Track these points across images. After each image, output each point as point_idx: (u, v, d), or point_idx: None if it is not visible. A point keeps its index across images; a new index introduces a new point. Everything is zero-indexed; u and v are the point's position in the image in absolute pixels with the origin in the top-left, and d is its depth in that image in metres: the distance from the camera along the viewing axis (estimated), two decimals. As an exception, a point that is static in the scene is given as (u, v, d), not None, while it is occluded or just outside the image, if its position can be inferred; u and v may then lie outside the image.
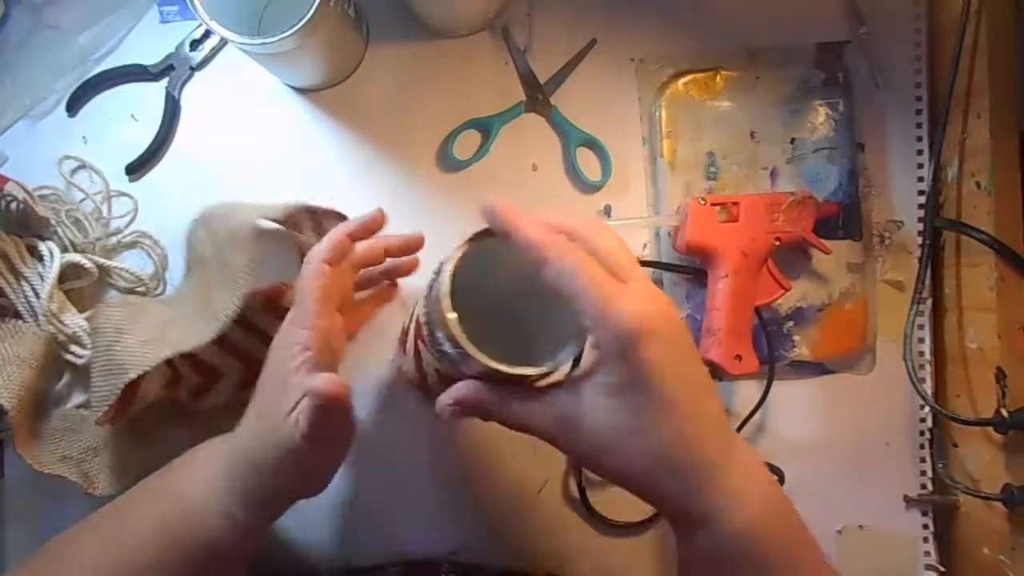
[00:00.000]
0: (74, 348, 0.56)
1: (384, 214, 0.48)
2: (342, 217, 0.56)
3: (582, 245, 0.37)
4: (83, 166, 0.59)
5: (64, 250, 0.57)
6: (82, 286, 0.58)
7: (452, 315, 0.38)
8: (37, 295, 0.55)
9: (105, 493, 0.53)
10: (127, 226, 0.60)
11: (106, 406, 0.50)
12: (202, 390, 0.56)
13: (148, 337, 0.51)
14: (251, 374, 0.56)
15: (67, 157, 0.59)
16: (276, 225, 0.51)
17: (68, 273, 0.57)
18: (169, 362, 0.52)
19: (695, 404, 0.36)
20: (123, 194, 0.60)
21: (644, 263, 0.59)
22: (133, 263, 0.59)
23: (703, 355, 0.55)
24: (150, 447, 0.55)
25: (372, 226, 0.48)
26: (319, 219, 0.56)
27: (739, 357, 0.54)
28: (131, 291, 0.59)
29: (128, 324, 0.52)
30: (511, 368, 0.38)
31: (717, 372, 0.54)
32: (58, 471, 0.53)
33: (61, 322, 0.55)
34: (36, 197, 0.56)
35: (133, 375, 0.49)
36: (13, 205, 0.55)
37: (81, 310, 0.58)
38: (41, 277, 0.55)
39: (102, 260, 0.58)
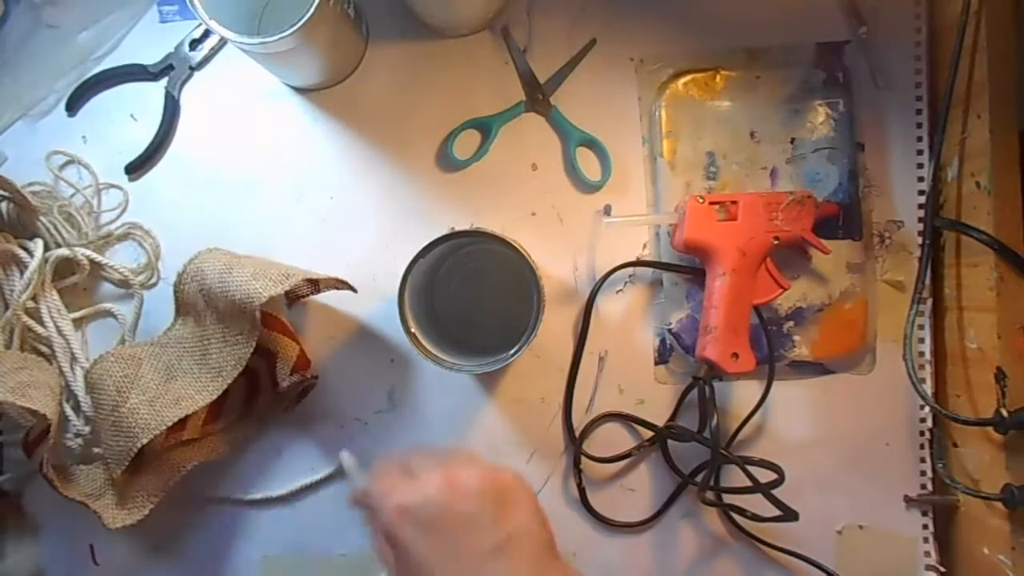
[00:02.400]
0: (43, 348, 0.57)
1: None
2: (341, 283, 0.56)
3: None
4: (71, 161, 0.59)
5: (57, 247, 0.57)
6: (76, 282, 0.58)
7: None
8: (24, 289, 0.55)
9: (117, 526, 0.53)
10: (118, 218, 0.60)
11: (123, 465, 0.52)
12: (212, 417, 0.57)
13: (152, 395, 0.53)
14: (254, 387, 0.57)
15: (55, 152, 0.59)
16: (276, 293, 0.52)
17: (63, 270, 0.57)
18: None
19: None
20: (112, 186, 0.60)
21: (643, 263, 0.59)
22: (126, 255, 0.60)
23: (699, 353, 0.55)
24: (155, 474, 0.55)
25: None
26: (318, 286, 0.57)
27: (736, 355, 0.53)
28: (125, 283, 0.59)
29: (129, 382, 0.53)
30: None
31: (714, 371, 0.54)
32: (81, 499, 0.54)
33: (39, 320, 0.56)
34: (25, 192, 0.56)
35: (145, 440, 0.51)
36: (3, 205, 0.55)
37: (79, 307, 0.58)
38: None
39: (92, 255, 0.58)
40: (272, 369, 0.55)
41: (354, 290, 0.57)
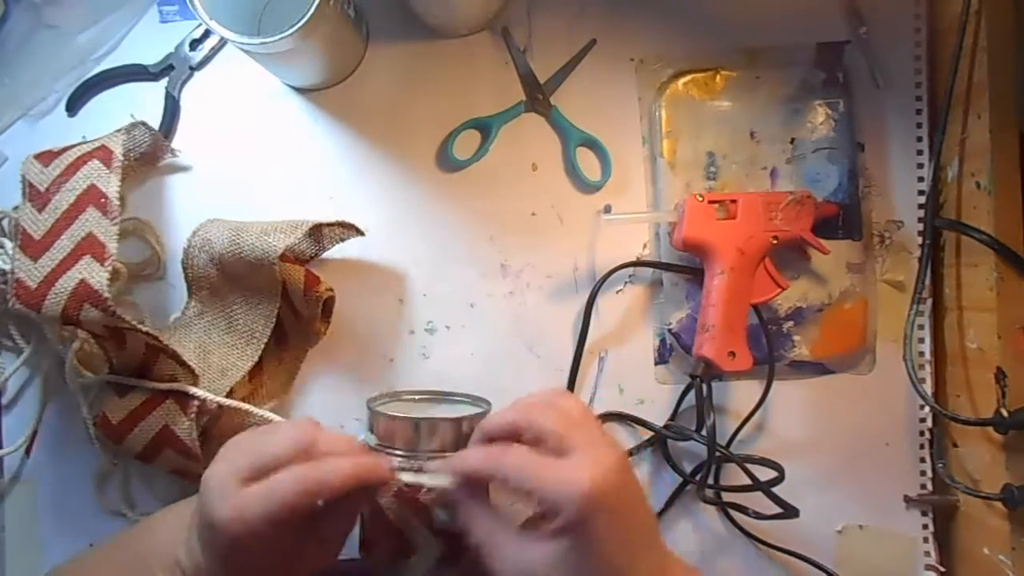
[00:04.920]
0: None
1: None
2: (348, 227, 0.56)
3: (528, 435, 0.41)
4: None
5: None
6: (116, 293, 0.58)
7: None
8: None
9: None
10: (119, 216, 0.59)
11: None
12: (255, 373, 0.57)
13: (197, 373, 0.54)
14: (279, 327, 0.57)
15: None
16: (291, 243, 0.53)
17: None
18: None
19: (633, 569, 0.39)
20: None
21: (643, 263, 0.59)
22: (127, 251, 0.59)
23: (696, 351, 0.55)
24: (219, 438, 0.56)
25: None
26: (321, 230, 0.57)
27: (732, 354, 0.53)
28: (135, 278, 0.59)
29: None
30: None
31: (711, 369, 0.54)
32: None
33: None
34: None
35: (204, 419, 0.54)
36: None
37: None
38: None
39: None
40: (288, 301, 0.56)
41: (362, 233, 0.57)
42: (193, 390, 0.53)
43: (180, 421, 0.53)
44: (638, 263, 0.59)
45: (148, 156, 0.58)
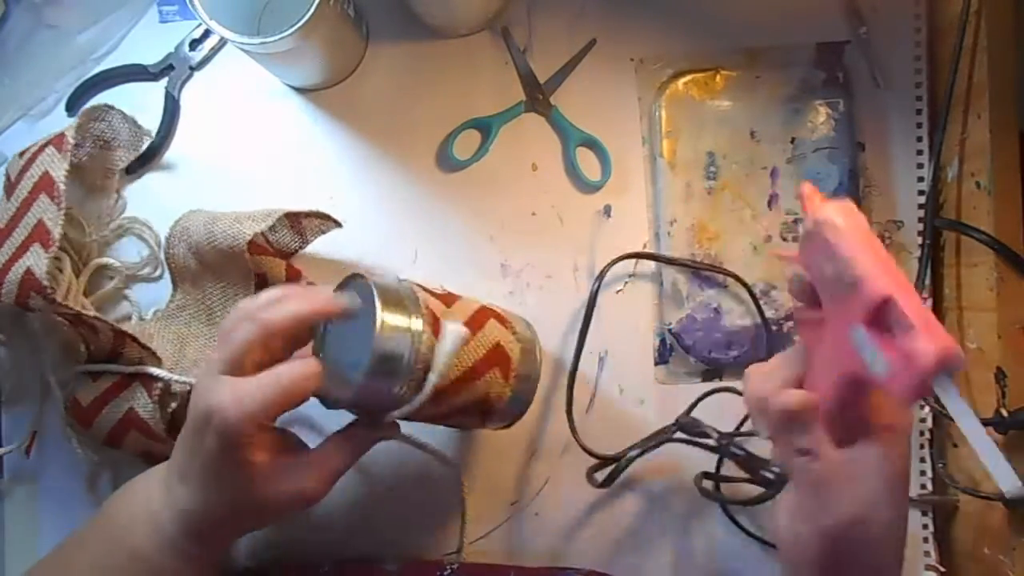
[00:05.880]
0: None
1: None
2: (325, 217, 0.56)
3: None
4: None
5: (63, 250, 0.57)
6: (112, 290, 0.58)
7: None
8: None
9: None
10: (118, 216, 0.60)
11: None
12: None
13: (169, 365, 0.54)
14: None
15: None
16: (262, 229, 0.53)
17: (100, 277, 0.58)
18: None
19: None
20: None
21: (645, 255, 0.58)
22: (125, 251, 0.60)
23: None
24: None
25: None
26: (300, 221, 0.57)
27: None
28: (132, 278, 0.59)
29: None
30: None
31: None
32: None
33: None
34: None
35: (173, 404, 0.54)
36: None
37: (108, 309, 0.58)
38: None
39: (112, 261, 0.58)
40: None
41: (339, 224, 0.57)
42: (155, 371, 0.53)
43: (144, 403, 0.53)
44: (640, 255, 0.58)
45: (126, 143, 0.58)
